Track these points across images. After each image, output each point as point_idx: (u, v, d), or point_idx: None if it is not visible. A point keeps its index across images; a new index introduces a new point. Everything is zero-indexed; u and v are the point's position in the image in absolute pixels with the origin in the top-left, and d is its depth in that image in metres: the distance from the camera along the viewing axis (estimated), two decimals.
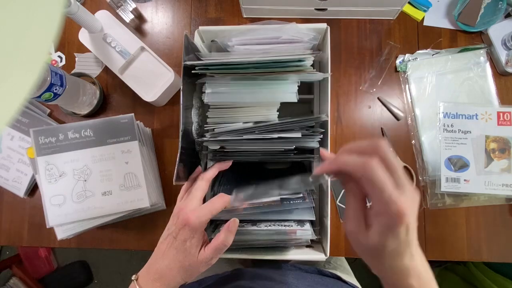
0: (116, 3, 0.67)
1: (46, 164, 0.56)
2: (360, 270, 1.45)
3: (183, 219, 0.39)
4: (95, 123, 0.57)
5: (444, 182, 0.61)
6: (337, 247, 0.63)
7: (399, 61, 0.66)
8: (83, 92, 0.63)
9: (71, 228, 0.57)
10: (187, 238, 0.39)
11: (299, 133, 0.46)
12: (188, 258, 0.39)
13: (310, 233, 0.47)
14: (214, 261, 0.40)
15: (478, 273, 0.96)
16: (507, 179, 0.61)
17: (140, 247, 0.66)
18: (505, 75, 0.65)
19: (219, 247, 0.39)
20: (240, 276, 0.51)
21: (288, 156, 0.49)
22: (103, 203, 0.56)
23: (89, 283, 1.53)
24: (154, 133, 0.67)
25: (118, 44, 0.62)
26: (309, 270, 0.57)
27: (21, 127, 0.65)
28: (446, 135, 0.63)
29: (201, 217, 0.39)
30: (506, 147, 0.61)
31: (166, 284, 0.39)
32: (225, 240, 0.39)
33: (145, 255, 0.75)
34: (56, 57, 0.69)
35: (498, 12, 0.63)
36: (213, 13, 0.70)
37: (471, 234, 0.63)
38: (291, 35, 0.50)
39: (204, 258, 0.39)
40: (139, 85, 0.62)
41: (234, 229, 0.40)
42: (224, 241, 0.39)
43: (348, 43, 0.68)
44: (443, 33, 0.67)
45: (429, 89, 0.66)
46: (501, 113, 0.62)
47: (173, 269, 0.39)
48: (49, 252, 1.53)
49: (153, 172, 0.63)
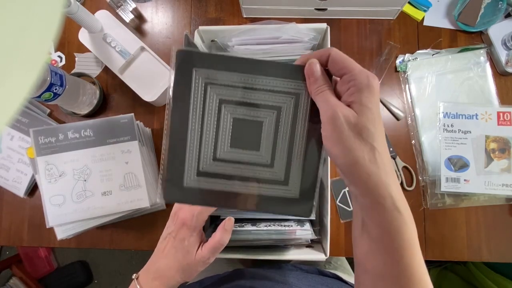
0: (116, 3, 0.67)
1: (46, 164, 0.56)
2: None
3: (181, 219, 0.40)
4: (95, 123, 0.57)
5: (444, 182, 0.61)
6: (337, 247, 0.63)
7: (399, 61, 0.66)
8: (83, 92, 0.63)
9: (71, 228, 0.57)
10: (185, 237, 0.40)
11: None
12: (186, 257, 0.39)
13: (310, 233, 0.47)
14: (211, 260, 0.40)
15: (478, 273, 0.96)
16: (507, 179, 0.61)
17: (140, 247, 0.66)
18: (505, 75, 0.65)
19: (216, 246, 0.40)
20: (241, 276, 0.52)
21: None
22: (103, 203, 0.56)
23: (89, 283, 1.53)
24: (154, 133, 0.67)
25: (118, 44, 0.62)
26: (310, 270, 0.57)
27: (21, 127, 0.65)
28: (446, 135, 0.63)
29: (198, 215, 0.40)
30: (506, 147, 0.61)
31: (165, 283, 0.40)
32: (221, 239, 0.39)
33: (145, 255, 0.76)
34: (56, 57, 0.69)
35: (498, 12, 0.63)
36: (213, 13, 0.70)
37: (471, 234, 0.63)
38: (291, 35, 0.50)
39: (201, 257, 0.39)
40: (139, 85, 0.62)
41: (229, 228, 0.40)
42: (220, 240, 0.39)
43: (348, 43, 0.68)
44: (443, 33, 0.67)
45: (429, 89, 0.66)
46: (501, 113, 0.62)
47: (172, 268, 0.40)
48: (49, 252, 1.53)
49: (153, 172, 0.63)
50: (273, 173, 0.33)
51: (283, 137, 0.32)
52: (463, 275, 1.06)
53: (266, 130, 0.32)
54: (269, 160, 0.33)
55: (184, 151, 0.32)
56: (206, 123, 0.32)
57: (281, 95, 0.32)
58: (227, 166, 0.33)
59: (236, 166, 0.33)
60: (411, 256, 0.28)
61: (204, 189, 0.33)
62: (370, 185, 0.28)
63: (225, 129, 0.32)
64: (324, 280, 0.54)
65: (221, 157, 0.33)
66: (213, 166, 0.33)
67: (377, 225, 0.29)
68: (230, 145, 0.32)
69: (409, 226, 0.28)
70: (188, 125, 0.32)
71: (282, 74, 0.31)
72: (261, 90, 0.31)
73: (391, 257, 0.29)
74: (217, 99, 0.31)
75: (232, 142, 0.32)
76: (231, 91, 0.31)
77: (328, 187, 0.50)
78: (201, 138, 0.32)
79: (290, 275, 0.52)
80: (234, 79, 0.31)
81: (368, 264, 0.31)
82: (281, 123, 0.32)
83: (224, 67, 0.31)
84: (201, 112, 0.32)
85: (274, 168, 0.33)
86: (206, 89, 0.31)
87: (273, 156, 0.33)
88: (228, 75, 0.31)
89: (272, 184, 0.33)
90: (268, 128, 0.32)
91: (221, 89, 0.31)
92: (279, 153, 0.33)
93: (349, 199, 0.64)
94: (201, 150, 0.32)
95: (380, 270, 0.29)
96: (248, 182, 0.33)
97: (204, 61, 0.31)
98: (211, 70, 0.31)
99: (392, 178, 0.29)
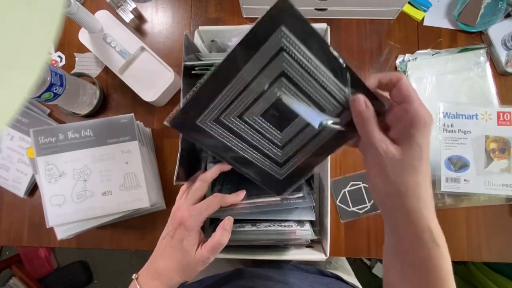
0: (116, 3, 0.67)
1: (46, 164, 0.56)
2: (360, 271, 1.45)
3: (179, 218, 0.40)
4: (95, 123, 0.57)
5: (444, 182, 0.61)
6: (337, 247, 0.64)
7: (399, 61, 0.66)
8: (83, 92, 0.63)
9: (71, 228, 0.57)
10: (184, 237, 0.40)
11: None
12: (185, 257, 0.39)
13: (310, 233, 0.47)
14: (211, 260, 0.40)
15: (478, 273, 0.96)
16: (507, 179, 0.61)
17: (140, 247, 0.66)
18: (505, 75, 0.65)
19: (215, 246, 0.40)
20: (241, 276, 0.52)
21: None
22: (103, 203, 0.56)
23: (89, 283, 1.53)
24: (154, 133, 0.67)
25: (118, 44, 0.62)
26: (310, 270, 0.57)
27: (21, 127, 0.65)
28: (446, 135, 0.63)
29: (196, 215, 0.40)
30: (506, 147, 0.61)
31: (165, 282, 0.40)
32: (220, 239, 0.39)
33: (145, 255, 0.76)
34: (56, 57, 0.69)
35: (498, 12, 0.63)
36: (213, 13, 0.70)
37: (471, 234, 0.63)
38: None
39: (201, 257, 0.39)
40: (139, 85, 0.62)
41: (229, 228, 0.40)
42: (219, 240, 0.39)
43: (348, 43, 0.68)
44: (443, 33, 0.67)
45: (429, 89, 0.66)
46: (501, 113, 0.62)
47: (171, 268, 0.40)
48: (49, 252, 1.53)
49: (153, 172, 0.63)
50: (278, 154, 0.35)
51: (306, 135, 0.34)
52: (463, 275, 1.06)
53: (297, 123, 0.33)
54: (282, 143, 0.35)
55: (217, 94, 0.31)
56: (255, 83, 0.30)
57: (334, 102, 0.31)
58: (246, 129, 0.34)
59: (254, 133, 0.34)
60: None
61: (212, 135, 0.34)
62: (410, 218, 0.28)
63: (267, 100, 0.31)
64: (325, 280, 0.54)
65: (247, 119, 0.33)
66: (234, 122, 0.33)
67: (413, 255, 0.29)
68: (261, 115, 0.33)
69: (446, 260, 0.29)
70: (237, 74, 0.30)
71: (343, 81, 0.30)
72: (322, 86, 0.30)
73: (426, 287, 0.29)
74: (281, 69, 0.30)
75: (265, 114, 0.33)
76: (296, 70, 0.30)
77: (328, 187, 0.50)
78: (240, 93, 0.31)
79: (291, 275, 0.52)
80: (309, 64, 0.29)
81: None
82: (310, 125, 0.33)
83: (310, 46, 0.28)
84: (257, 70, 0.30)
85: (282, 150, 0.35)
86: (278, 53, 0.29)
87: (287, 143, 0.34)
88: (306, 57, 0.29)
89: (270, 160, 0.36)
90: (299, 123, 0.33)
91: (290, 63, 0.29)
92: (293, 143, 0.34)
93: (349, 199, 0.64)
94: (233, 103, 0.32)
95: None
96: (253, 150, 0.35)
97: (298, 27, 0.28)
98: (297, 40, 0.28)
99: (432, 210, 0.29)
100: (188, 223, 0.39)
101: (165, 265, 0.40)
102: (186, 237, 0.40)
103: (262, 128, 0.34)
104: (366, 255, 0.64)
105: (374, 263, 1.40)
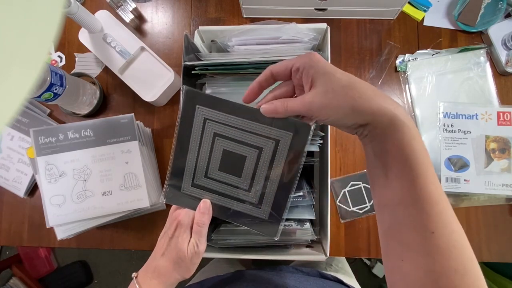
0: (116, 3, 0.67)
1: (46, 164, 0.56)
2: (360, 271, 1.45)
3: (175, 217, 0.42)
4: (95, 123, 0.57)
5: (444, 182, 0.61)
6: (337, 247, 0.64)
7: (399, 61, 0.66)
8: (83, 92, 0.63)
9: (71, 228, 0.57)
10: (179, 235, 0.41)
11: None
12: (179, 253, 0.41)
13: (310, 233, 0.47)
14: (201, 248, 0.41)
15: None
16: (507, 179, 0.61)
17: (140, 247, 0.66)
18: (505, 75, 0.65)
19: (196, 229, 0.41)
20: (241, 279, 0.52)
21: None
22: (103, 203, 0.56)
23: (89, 283, 1.53)
24: (154, 133, 0.67)
25: (118, 44, 0.62)
26: (311, 273, 0.57)
27: (21, 127, 0.65)
28: (446, 135, 0.63)
29: (191, 214, 0.42)
30: (506, 147, 0.61)
31: (164, 281, 0.41)
32: (199, 221, 0.41)
33: (145, 255, 0.76)
34: (56, 57, 0.69)
35: (498, 12, 0.63)
36: (213, 13, 0.70)
37: (471, 234, 0.63)
38: (291, 35, 0.50)
39: (191, 246, 0.41)
40: (139, 85, 0.62)
41: (205, 210, 0.41)
42: (198, 221, 0.41)
43: (348, 43, 0.68)
44: (443, 33, 0.67)
45: (429, 89, 0.66)
46: (501, 113, 0.62)
47: (169, 266, 0.41)
48: (49, 252, 1.53)
49: (153, 172, 0.63)
50: (249, 196, 0.40)
51: (261, 171, 0.39)
52: None
53: (248, 163, 0.39)
54: (247, 186, 0.40)
55: (184, 166, 0.41)
56: (202, 148, 0.40)
57: (264, 139, 0.38)
58: (215, 183, 0.41)
59: (222, 185, 0.41)
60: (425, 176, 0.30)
61: (196, 197, 0.42)
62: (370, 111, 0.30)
63: (217, 156, 0.40)
64: (325, 283, 0.54)
65: (211, 176, 0.41)
66: (204, 181, 0.41)
67: (390, 147, 0.30)
68: (219, 169, 0.40)
69: (418, 141, 0.30)
70: (189, 147, 0.40)
71: (269, 122, 0.37)
72: (249, 132, 0.38)
73: (407, 178, 0.30)
74: (212, 132, 0.39)
75: (221, 167, 0.40)
76: (224, 128, 0.38)
77: (328, 187, 0.50)
78: (197, 158, 0.40)
79: (291, 278, 0.52)
80: (228, 120, 0.38)
81: (386, 198, 0.32)
82: (261, 160, 0.39)
83: (221, 109, 0.38)
84: (199, 139, 0.40)
85: (250, 193, 0.40)
86: (204, 123, 0.39)
87: (251, 184, 0.40)
88: (223, 115, 0.38)
89: (247, 205, 0.41)
90: (250, 162, 0.39)
91: (216, 126, 0.38)
92: (256, 182, 0.40)
93: (349, 199, 0.64)
94: (196, 167, 0.41)
95: (398, 197, 0.31)
96: (229, 199, 0.41)
97: (206, 101, 0.38)
98: (210, 110, 0.38)
99: (389, 102, 0.31)
100: (182, 221, 0.41)
101: (163, 264, 0.41)
102: (182, 235, 0.41)
103: (225, 179, 0.41)
104: (366, 255, 0.64)
105: (374, 263, 1.40)
